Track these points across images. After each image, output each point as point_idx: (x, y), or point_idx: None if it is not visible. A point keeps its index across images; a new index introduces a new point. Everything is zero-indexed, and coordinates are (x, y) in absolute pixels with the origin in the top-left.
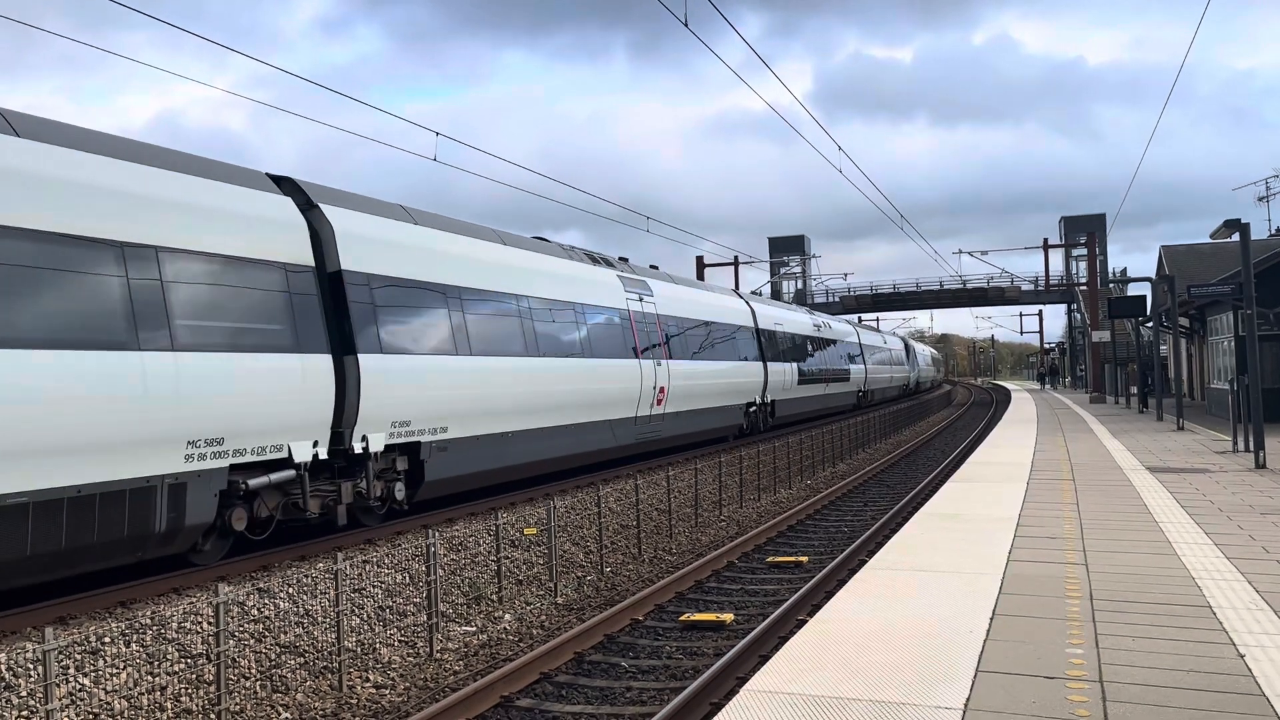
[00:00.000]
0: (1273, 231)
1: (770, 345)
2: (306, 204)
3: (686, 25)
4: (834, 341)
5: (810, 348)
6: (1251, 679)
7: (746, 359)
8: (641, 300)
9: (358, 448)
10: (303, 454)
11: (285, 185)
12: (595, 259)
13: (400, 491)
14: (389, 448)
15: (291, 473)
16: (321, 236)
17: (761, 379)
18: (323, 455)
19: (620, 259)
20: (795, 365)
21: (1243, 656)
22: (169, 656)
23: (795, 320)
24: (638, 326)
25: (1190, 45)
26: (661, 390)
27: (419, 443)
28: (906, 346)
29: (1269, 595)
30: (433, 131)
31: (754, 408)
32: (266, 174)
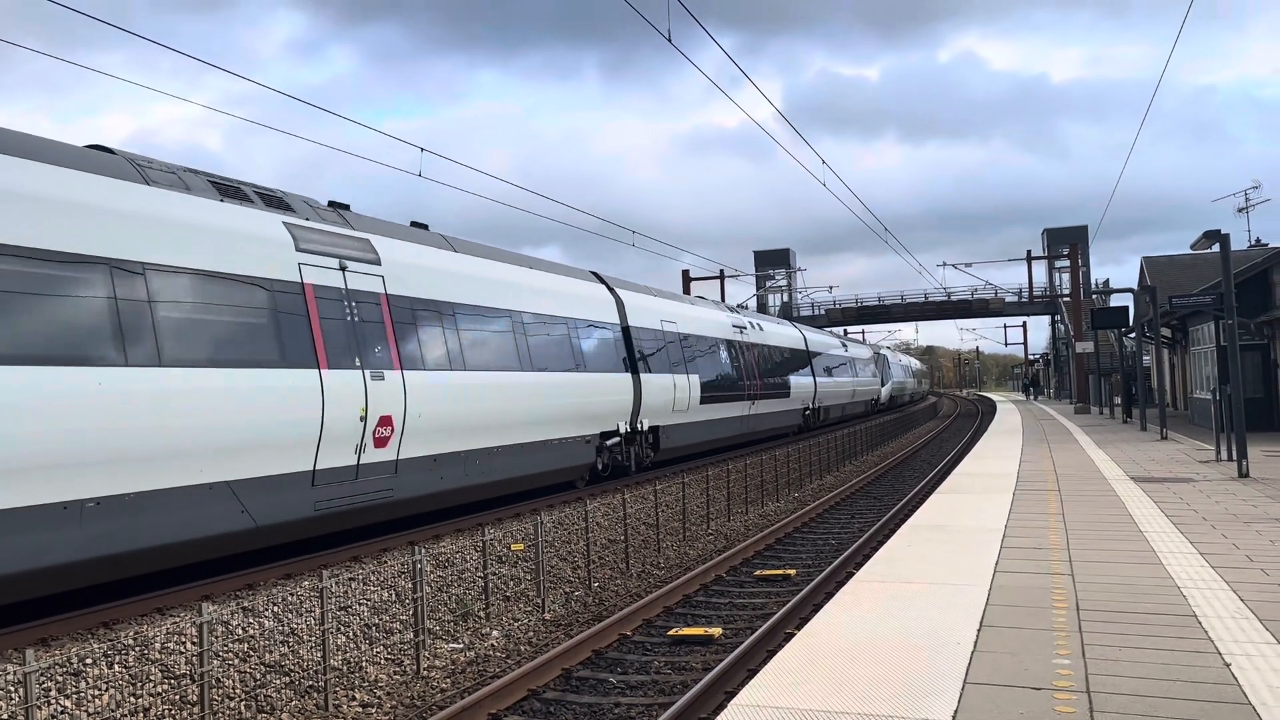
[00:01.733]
0: (1252, 242)
1: (651, 350)
2: None
3: (670, 41)
4: (765, 347)
5: (725, 354)
6: (1237, 688)
7: (600, 368)
8: (347, 270)
9: None
10: None
11: None
12: (239, 192)
13: None
14: None
15: None
16: None
17: (631, 397)
18: None
19: (333, 205)
20: (695, 378)
21: (1228, 665)
22: (152, 677)
23: (697, 317)
24: (329, 313)
25: (1165, 65)
26: (386, 421)
27: None
28: (877, 354)
29: (1254, 604)
30: (417, 147)
31: (616, 439)
32: None
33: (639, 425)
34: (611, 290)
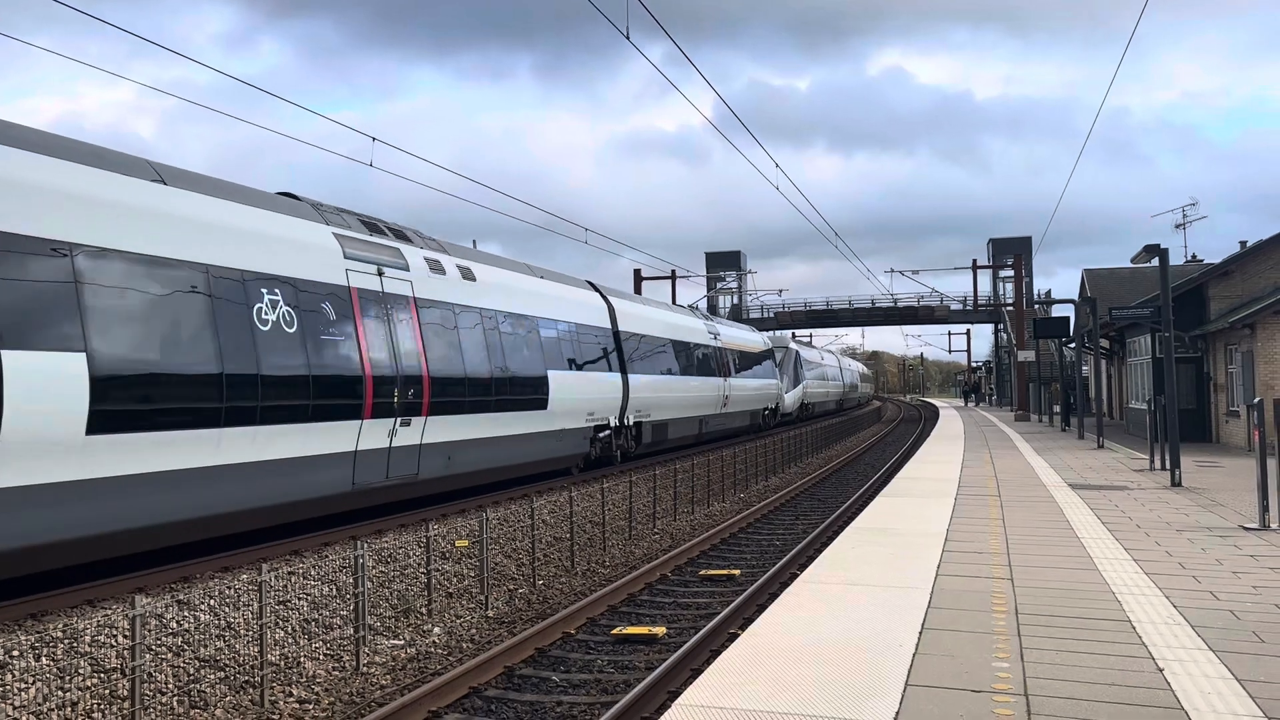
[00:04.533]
0: (1188, 258)
1: None
2: None
3: (628, 38)
4: (477, 312)
5: (312, 322)
6: (1170, 692)
7: None
8: None
9: None
10: None
11: None
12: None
13: None
14: None
15: None
16: None
17: None
18: None
19: None
20: (80, 363)
21: (1161, 670)
22: (81, 671)
23: (114, 201)
24: None
25: (1107, 91)
26: None
27: None
28: (782, 348)
29: (1186, 610)
30: (369, 136)
31: None
32: None
33: None
34: None
